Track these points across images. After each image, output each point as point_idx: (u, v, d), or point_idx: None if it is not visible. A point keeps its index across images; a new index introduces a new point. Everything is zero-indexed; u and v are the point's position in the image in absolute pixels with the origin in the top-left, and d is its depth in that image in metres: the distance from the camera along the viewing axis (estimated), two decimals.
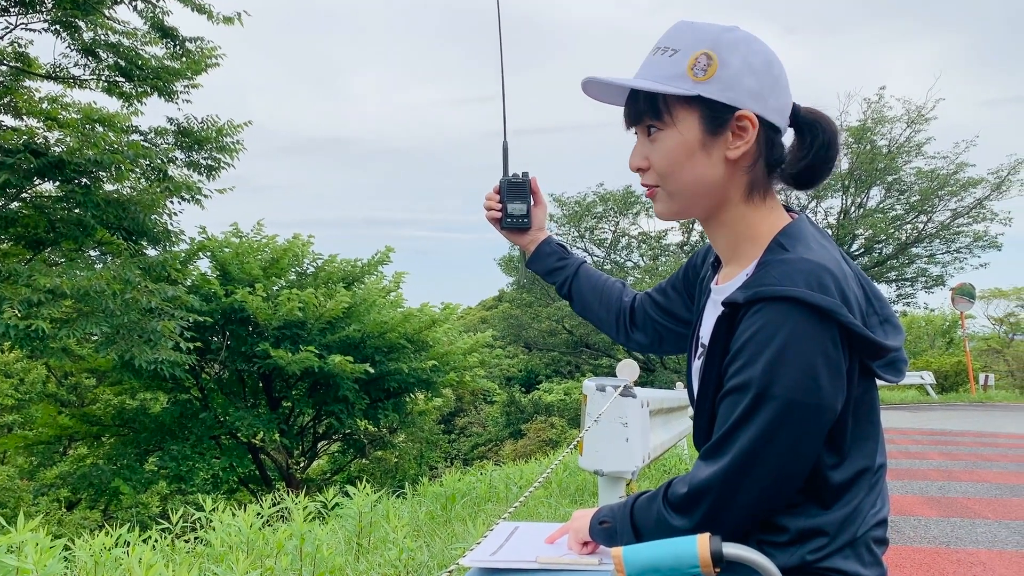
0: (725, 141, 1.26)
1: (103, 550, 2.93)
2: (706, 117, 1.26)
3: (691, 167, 1.28)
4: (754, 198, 1.30)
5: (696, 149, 1.27)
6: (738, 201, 1.30)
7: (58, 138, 11.50)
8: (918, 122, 24.46)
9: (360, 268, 18.01)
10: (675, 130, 1.28)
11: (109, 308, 10.28)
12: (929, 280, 27.09)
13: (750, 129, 1.25)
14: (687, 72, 1.25)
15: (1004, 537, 4.95)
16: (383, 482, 16.60)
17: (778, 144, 1.30)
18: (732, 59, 1.24)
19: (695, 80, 1.24)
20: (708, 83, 1.24)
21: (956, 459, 8.92)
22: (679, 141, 1.28)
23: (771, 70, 1.26)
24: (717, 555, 1.07)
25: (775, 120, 1.27)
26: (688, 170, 1.29)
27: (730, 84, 1.24)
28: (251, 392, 16.96)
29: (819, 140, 1.29)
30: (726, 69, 1.24)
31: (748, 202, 1.30)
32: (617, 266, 28.38)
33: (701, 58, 1.25)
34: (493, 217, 1.82)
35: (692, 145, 1.27)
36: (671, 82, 1.26)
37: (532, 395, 29.86)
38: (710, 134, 1.26)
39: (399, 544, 3.34)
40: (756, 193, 1.30)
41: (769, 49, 1.28)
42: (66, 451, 18.80)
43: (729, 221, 1.32)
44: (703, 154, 1.27)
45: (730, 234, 1.33)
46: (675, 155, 1.29)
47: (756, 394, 1.13)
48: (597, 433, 3.55)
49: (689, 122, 1.27)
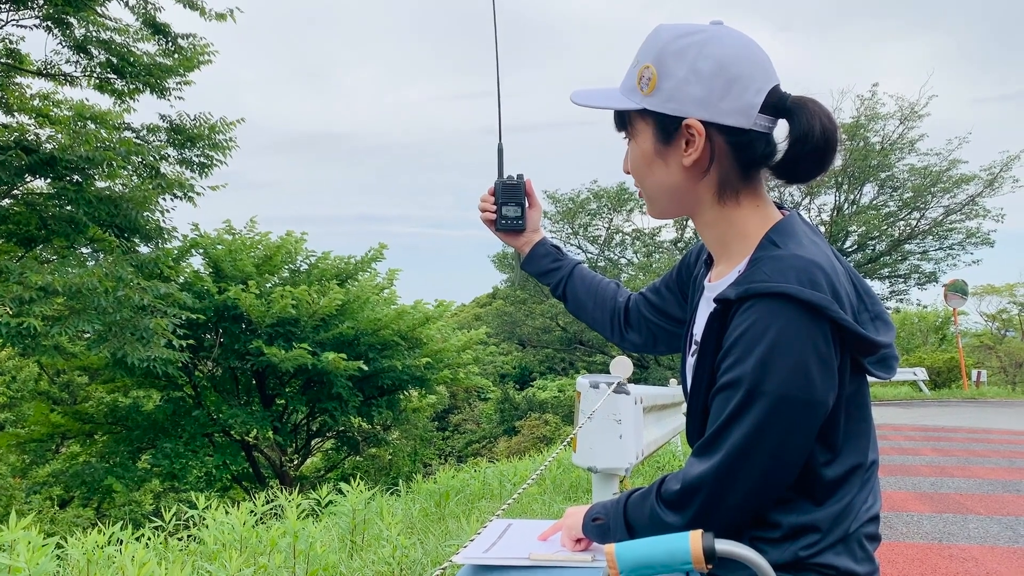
0: (679, 149, 1.28)
1: (96, 548, 2.92)
2: (657, 128, 1.29)
3: (652, 175, 1.34)
4: (726, 200, 1.30)
5: (653, 158, 1.32)
6: (711, 203, 1.31)
7: (50, 135, 11.47)
8: (911, 119, 24.55)
9: (353, 265, 17.99)
10: (635, 141, 1.34)
11: (101, 305, 10.25)
12: (922, 277, 27.22)
13: (697, 138, 1.25)
14: (635, 85, 1.30)
15: (996, 532, 4.97)
16: (377, 479, 16.60)
17: (751, 143, 1.26)
18: (677, 69, 1.25)
19: (641, 93, 1.29)
20: (652, 96, 1.27)
21: (949, 455, 8.96)
22: (638, 152, 1.34)
23: (725, 72, 1.23)
24: (710, 551, 1.07)
25: (733, 122, 1.24)
26: (650, 178, 1.34)
27: (672, 95, 1.25)
28: (244, 389, 16.93)
29: (794, 132, 1.24)
30: (668, 80, 1.25)
31: (721, 204, 1.30)
32: (611, 263, 28.42)
33: (645, 72, 1.28)
34: (488, 219, 1.82)
35: (649, 155, 1.32)
36: (627, 96, 1.31)
37: (526, 392, 29.91)
38: (663, 144, 1.30)
39: (393, 541, 3.34)
40: (727, 194, 1.29)
41: (734, 47, 1.25)
42: (59, 449, 18.74)
43: (710, 222, 1.33)
44: (660, 162, 1.31)
45: (716, 233, 1.34)
46: (637, 164, 1.35)
47: (748, 390, 1.13)
48: (591, 430, 3.56)
49: (645, 133, 1.32)
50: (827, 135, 1.23)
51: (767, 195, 1.34)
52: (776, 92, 1.26)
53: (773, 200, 1.35)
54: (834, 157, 1.26)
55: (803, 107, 1.24)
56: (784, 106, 1.26)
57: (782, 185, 1.36)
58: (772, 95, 1.25)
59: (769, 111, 1.25)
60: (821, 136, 1.23)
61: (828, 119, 1.24)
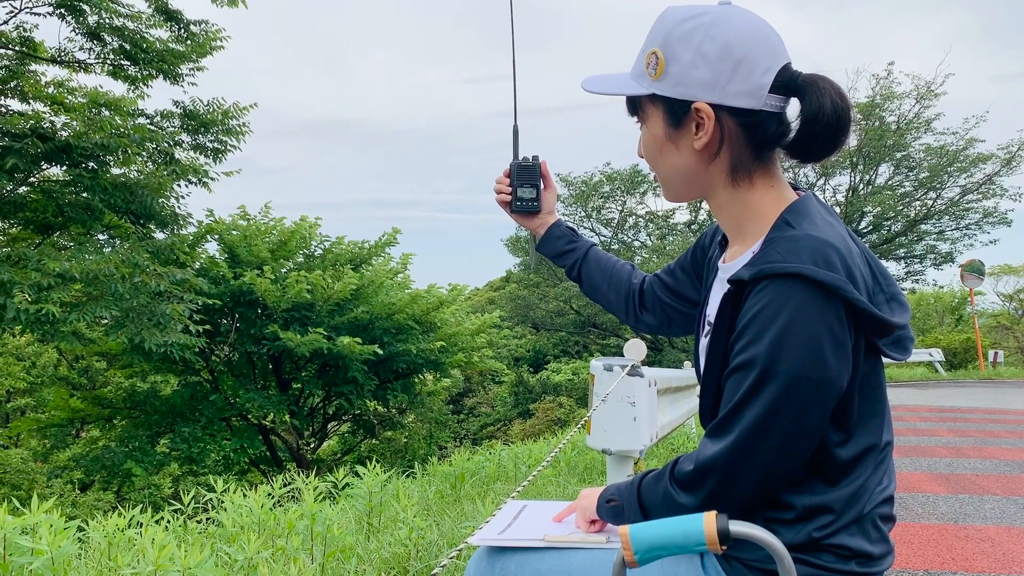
0: (690, 133, 1.28)
1: (116, 531, 2.96)
2: (667, 112, 1.30)
3: (664, 159, 1.34)
4: (739, 181, 1.30)
5: (664, 142, 1.32)
6: (724, 185, 1.31)
7: (64, 122, 11.52)
8: (927, 98, 24.23)
9: (367, 250, 18.01)
10: (646, 126, 1.35)
11: (118, 292, 10.33)
12: (938, 257, 26.94)
13: (707, 121, 1.25)
14: (644, 71, 1.30)
15: (1012, 513, 4.95)
16: (393, 462, 16.70)
17: (762, 124, 1.26)
18: (683, 53, 1.24)
19: (649, 79, 1.29)
20: (660, 81, 1.28)
21: (965, 436, 8.92)
22: (650, 136, 1.35)
23: (731, 54, 1.22)
24: (724, 533, 1.08)
25: (743, 104, 1.23)
26: (663, 162, 1.35)
27: (680, 79, 1.25)
28: (261, 374, 17.04)
29: (806, 111, 1.23)
30: (675, 64, 1.25)
31: (734, 186, 1.30)
32: (624, 246, 28.32)
33: (651, 57, 1.28)
34: (503, 200, 1.83)
35: (660, 139, 1.33)
36: (637, 81, 1.31)
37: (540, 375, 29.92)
38: (673, 128, 1.30)
39: (409, 523, 3.36)
40: (741, 175, 1.29)
41: (741, 28, 1.23)
42: (79, 433, 18.97)
43: (724, 203, 1.33)
44: (672, 146, 1.32)
45: (731, 214, 1.33)
46: (650, 148, 1.36)
47: (762, 370, 1.14)
48: (605, 412, 3.56)
49: (655, 118, 1.32)
50: (839, 113, 1.21)
51: (782, 176, 1.33)
52: (787, 71, 1.24)
53: (788, 181, 1.34)
54: (847, 136, 1.24)
55: (814, 85, 1.23)
56: (795, 85, 1.24)
57: (797, 166, 1.35)
58: (782, 74, 1.24)
59: (780, 91, 1.24)
60: (832, 114, 1.21)
61: (840, 97, 1.22)
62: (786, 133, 1.28)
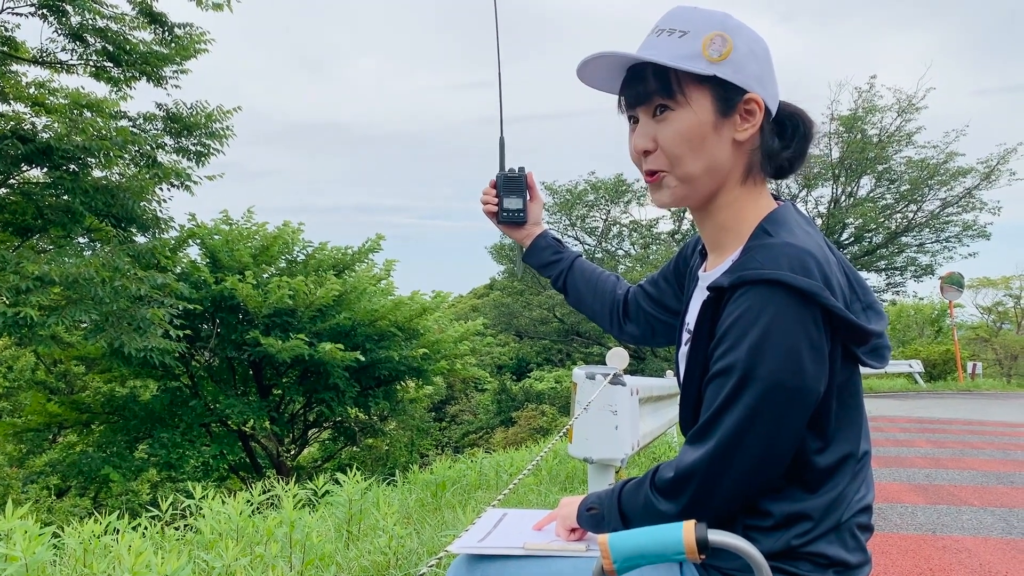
0: (734, 123, 1.28)
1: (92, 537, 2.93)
2: (719, 98, 1.27)
3: (703, 148, 1.28)
4: (750, 182, 1.32)
5: (709, 130, 1.27)
6: (735, 184, 1.32)
7: (46, 124, 11.42)
8: (908, 111, 24.47)
9: (351, 256, 17.96)
10: (689, 110, 1.27)
11: (98, 295, 10.23)
12: (918, 269, 27.18)
13: (757, 112, 1.27)
14: (702, 52, 1.25)
15: (989, 524, 5.00)
16: (374, 469, 16.62)
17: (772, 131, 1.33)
18: (741, 44, 1.27)
19: (710, 60, 1.25)
20: (723, 64, 1.25)
21: (943, 447, 8.99)
22: (694, 122, 1.27)
23: (769, 58, 1.30)
24: (703, 542, 1.08)
25: (772, 106, 1.31)
26: (700, 151, 1.28)
27: (741, 67, 1.26)
28: (241, 380, 16.93)
29: (800, 132, 1.33)
30: (737, 52, 1.26)
31: (744, 185, 1.32)
32: (608, 254, 28.39)
33: (716, 39, 1.25)
34: (490, 211, 1.84)
35: (705, 126, 1.27)
36: (687, 61, 1.25)
37: (523, 383, 29.93)
38: (722, 115, 1.27)
39: (389, 531, 3.34)
40: (753, 176, 1.32)
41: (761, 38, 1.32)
42: (55, 438, 18.72)
43: (722, 205, 1.33)
44: (715, 135, 1.28)
45: (719, 220, 1.34)
46: (689, 135, 1.28)
47: (740, 377, 1.14)
48: (586, 421, 3.57)
49: (703, 102, 1.27)
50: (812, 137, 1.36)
51: (767, 187, 1.37)
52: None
53: (770, 192, 1.37)
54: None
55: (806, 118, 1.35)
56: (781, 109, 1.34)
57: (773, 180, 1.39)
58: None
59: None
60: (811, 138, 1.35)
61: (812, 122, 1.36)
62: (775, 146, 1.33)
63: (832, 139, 24.72)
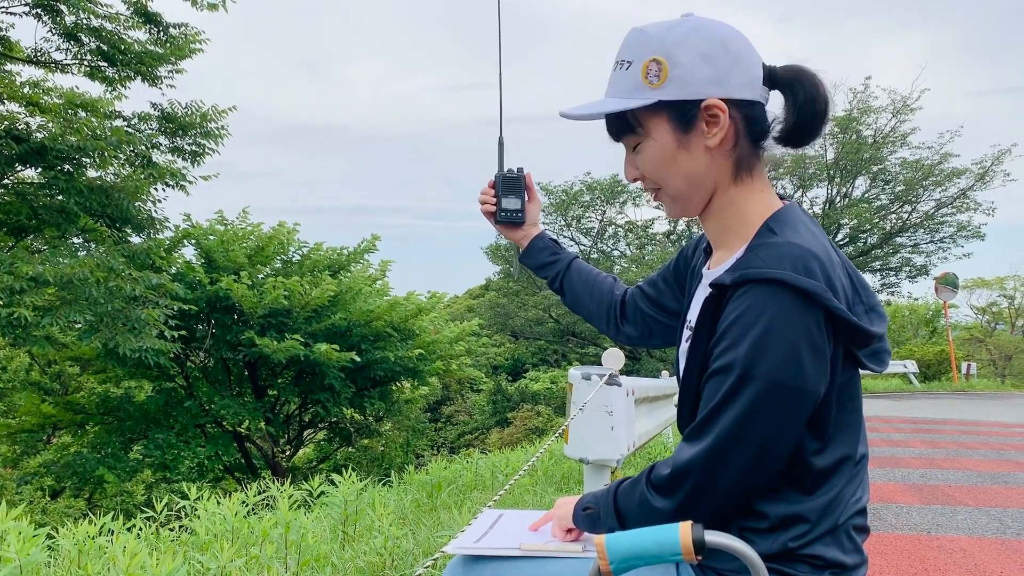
0: (701, 133, 1.28)
1: (87, 539, 2.92)
2: (674, 118, 1.28)
3: (676, 168, 1.31)
4: (742, 176, 1.32)
5: (675, 150, 1.30)
6: (727, 185, 1.32)
7: (40, 124, 11.38)
8: (903, 112, 24.55)
9: (346, 256, 17.94)
10: (651, 139, 1.31)
11: (93, 296, 10.20)
12: (913, 270, 27.27)
13: (720, 115, 1.26)
14: (643, 82, 1.28)
15: (984, 524, 5.01)
16: (369, 470, 16.60)
17: (759, 116, 1.30)
18: (682, 56, 1.26)
19: (652, 88, 1.27)
20: (664, 87, 1.27)
21: (938, 447, 9.01)
22: (659, 148, 1.31)
23: (727, 49, 1.27)
24: (699, 543, 1.08)
25: (746, 95, 1.28)
26: (675, 172, 1.32)
27: (685, 81, 1.26)
28: (236, 380, 16.89)
29: (800, 97, 1.28)
30: (678, 68, 1.26)
31: (737, 182, 1.32)
32: (604, 255, 28.42)
33: (651, 65, 1.27)
34: (488, 211, 1.85)
35: (670, 148, 1.30)
36: (632, 95, 1.29)
37: (519, 383, 29.90)
38: (683, 132, 1.29)
39: (384, 532, 3.34)
40: (743, 171, 1.32)
41: (723, 28, 1.29)
42: (50, 439, 18.67)
43: (720, 207, 1.34)
44: (684, 152, 1.30)
45: (722, 219, 1.35)
46: (660, 161, 1.32)
47: (739, 375, 1.14)
48: (582, 421, 3.56)
49: (660, 128, 1.30)
50: (826, 96, 1.28)
51: (769, 183, 1.36)
52: (764, 65, 1.31)
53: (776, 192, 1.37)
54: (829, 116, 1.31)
55: (802, 73, 1.29)
56: (776, 77, 1.30)
57: (774, 178, 1.38)
58: (763, 68, 1.30)
59: (765, 82, 1.30)
60: (823, 98, 1.28)
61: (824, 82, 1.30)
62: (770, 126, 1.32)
63: (827, 140, 24.77)
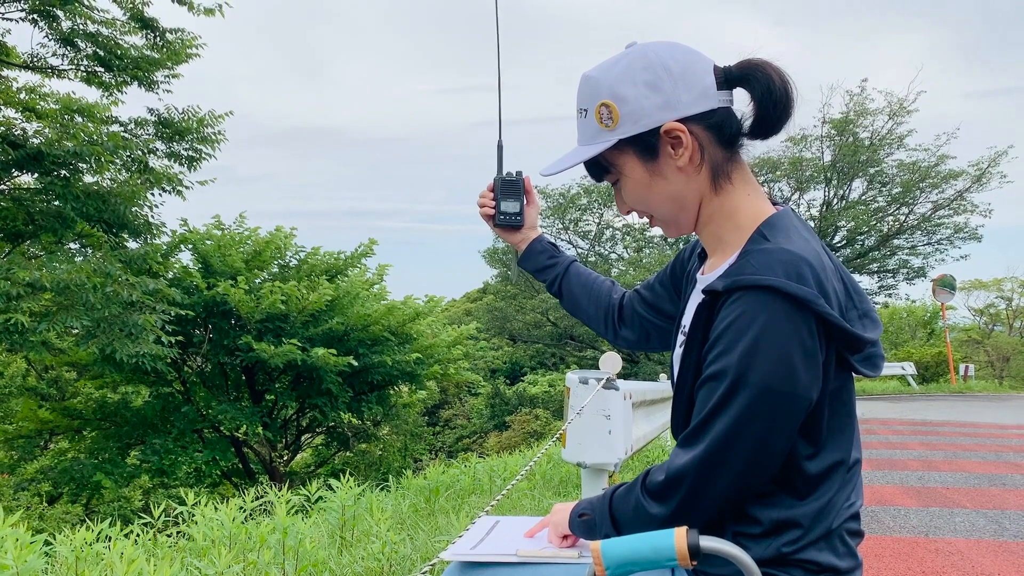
0: (669, 156, 1.30)
1: (84, 545, 2.92)
2: (639, 152, 1.32)
3: (656, 194, 1.35)
4: (721, 184, 1.32)
5: (649, 179, 1.34)
6: (710, 195, 1.33)
7: (36, 129, 11.37)
8: (900, 114, 24.59)
9: (343, 260, 17.93)
10: (625, 175, 1.36)
11: (90, 301, 10.19)
12: (910, 272, 27.29)
13: (682, 136, 1.28)
14: (600, 127, 1.32)
15: (982, 526, 5.01)
16: (367, 475, 16.59)
17: (724, 121, 1.31)
18: (627, 92, 1.29)
19: (608, 129, 1.31)
20: (620, 126, 1.31)
21: (936, 449, 9.02)
22: (633, 183, 1.35)
23: (669, 71, 1.28)
24: (694, 548, 1.08)
25: (700, 108, 1.28)
26: (657, 198, 1.35)
27: (637, 115, 1.29)
28: (234, 385, 16.87)
29: (757, 89, 1.28)
30: (626, 105, 1.29)
31: (719, 191, 1.33)
32: (601, 258, 28.42)
33: (602, 110, 1.32)
34: (487, 214, 1.85)
35: (644, 179, 1.34)
36: (594, 141, 1.34)
37: (516, 387, 29.92)
38: (652, 160, 1.32)
39: (382, 537, 3.34)
40: (721, 179, 1.32)
41: (663, 48, 1.30)
42: (47, 445, 18.63)
43: (708, 219, 1.35)
44: (658, 179, 1.33)
45: (712, 228, 1.36)
46: (639, 193, 1.36)
47: (732, 381, 1.15)
48: (580, 425, 3.57)
49: (630, 164, 1.34)
50: (785, 81, 1.27)
51: (759, 186, 1.36)
52: (718, 68, 1.31)
53: (766, 194, 1.37)
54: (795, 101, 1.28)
55: (755, 67, 1.28)
56: (733, 75, 1.30)
57: (771, 180, 1.38)
58: (716, 72, 1.30)
59: (722, 86, 1.30)
60: (781, 84, 1.27)
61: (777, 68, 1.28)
62: (742, 124, 1.32)
63: (824, 142, 24.82)
